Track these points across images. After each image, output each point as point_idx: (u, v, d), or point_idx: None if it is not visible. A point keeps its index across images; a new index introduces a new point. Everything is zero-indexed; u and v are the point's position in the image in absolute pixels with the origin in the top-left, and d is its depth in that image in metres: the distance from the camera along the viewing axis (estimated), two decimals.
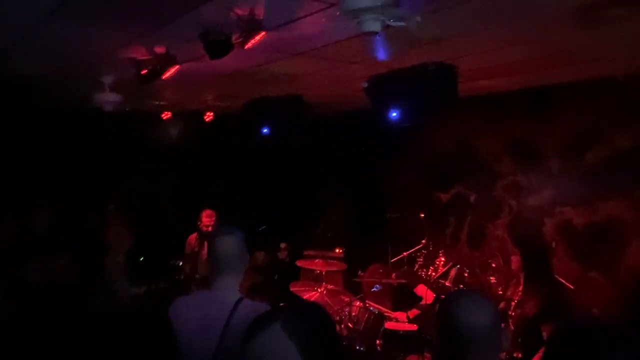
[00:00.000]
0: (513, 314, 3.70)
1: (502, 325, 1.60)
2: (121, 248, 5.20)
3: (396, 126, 4.11)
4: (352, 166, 7.16)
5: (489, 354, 1.56)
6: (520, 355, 3.51)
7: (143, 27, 3.69)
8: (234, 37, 3.61)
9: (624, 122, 4.94)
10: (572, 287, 4.82)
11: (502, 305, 3.88)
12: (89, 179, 6.50)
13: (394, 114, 3.96)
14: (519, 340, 3.60)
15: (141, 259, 6.73)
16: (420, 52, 3.69)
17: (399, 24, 2.43)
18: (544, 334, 3.47)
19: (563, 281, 4.82)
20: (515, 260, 3.71)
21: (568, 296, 4.76)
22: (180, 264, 6.00)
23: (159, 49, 4.26)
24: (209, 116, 7.26)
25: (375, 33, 2.51)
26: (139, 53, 4.40)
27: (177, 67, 4.35)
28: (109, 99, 5.32)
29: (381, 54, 3.19)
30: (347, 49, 3.69)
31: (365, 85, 3.89)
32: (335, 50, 3.81)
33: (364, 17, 2.43)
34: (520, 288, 3.71)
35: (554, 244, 5.41)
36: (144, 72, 4.60)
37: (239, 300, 2.19)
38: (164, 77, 4.51)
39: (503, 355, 1.58)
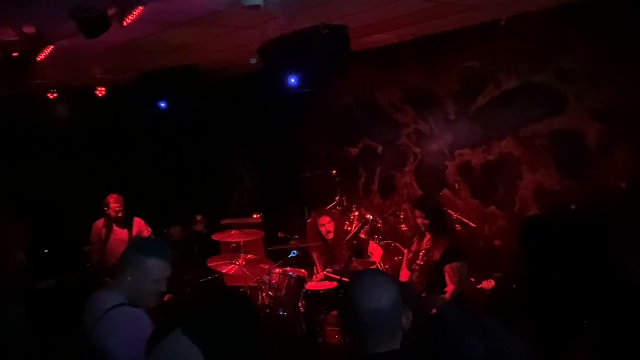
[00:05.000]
0: (421, 262, 3.94)
1: (404, 306, 1.64)
2: (19, 247, 4.83)
3: (296, 91, 4.07)
4: (260, 130, 7.07)
5: (386, 335, 1.61)
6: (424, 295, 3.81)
7: (3, 5, 3.32)
8: (110, 13, 3.35)
9: (508, 64, 5.23)
10: (474, 225, 5.19)
11: (410, 256, 4.10)
12: None
13: (293, 80, 3.91)
14: (425, 283, 3.88)
15: (46, 252, 6.36)
16: (309, 15, 3.63)
17: None
18: (446, 275, 3.76)
19: (466, 221, 5.18)
20: (421, 221, 3.92)
21: (471, 234, 5.14)
22: (89, 250, 5.74)
23: (28, 30, 3.87)
24: (101, 91, 6.79)
25: (259, 6, 2.43)
26: (6, 35, 3.98)
27: (51, 47, 3.99)
28: None
29: None
30: (233, 16, 3.56)
31: (254, 61, 3.79)
32: (221, 18, 3.66)
33: None
34: (427, 239, 3.94)
35: (456, 186, 5.76)
36: (15, 54, 4.19)
37: (115, 306, 2.13)
38: (38, 58, 4.13)
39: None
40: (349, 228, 5.45)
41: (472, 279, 4.43)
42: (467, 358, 1.09)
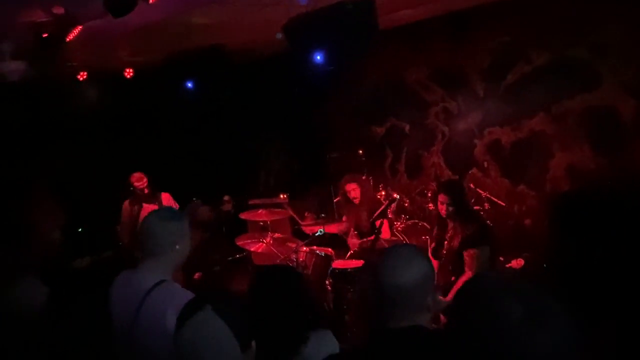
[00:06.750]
0: (445, 250, 3.87)
1: (432, 288, 1.63)
2: (54, 224, 4.98)
3: (322, 69, 4.03)
4: (286, 110, 7.06)
5: (410, 311, 1.60)
6: (454, 278, 3.76)
7: None
8: None
9: (540, 39, 5.07)
10: (503, 204, 5.11)
11: (433, 245, 4.04)
12: (6, 157, 6.07)
13: (318, 58, 3.87)
14: (450, 267, 3.83)
15: (80, 230, 6.54)
16: None
17: None
18: (466, 259, 3.67)
19: (495, 199, 5.10)
20: (444, 207, 3.76)
21: (500, 213, 5.06)
22: (120, 229, 5.86)
23: (57, 10, 3.92)
24: (129, 73, 6.86)
25: None
26: (36, 16, 4.04)
27: (79, 27, 4.04)
28: (12, 67, 4.92)
29: None
30: None
31: (279, 36, 3.75)
32: None
33: None
34: (450, 227, 3.84)
35: (485, 164, 5.66)
36: (45, 35, 4.26)
37: (157, 284, 2.09)
38: (68, 39, 4.19)
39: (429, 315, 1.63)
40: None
41: (501, 258, 4.37)
42: (507, 321, 1.09)
